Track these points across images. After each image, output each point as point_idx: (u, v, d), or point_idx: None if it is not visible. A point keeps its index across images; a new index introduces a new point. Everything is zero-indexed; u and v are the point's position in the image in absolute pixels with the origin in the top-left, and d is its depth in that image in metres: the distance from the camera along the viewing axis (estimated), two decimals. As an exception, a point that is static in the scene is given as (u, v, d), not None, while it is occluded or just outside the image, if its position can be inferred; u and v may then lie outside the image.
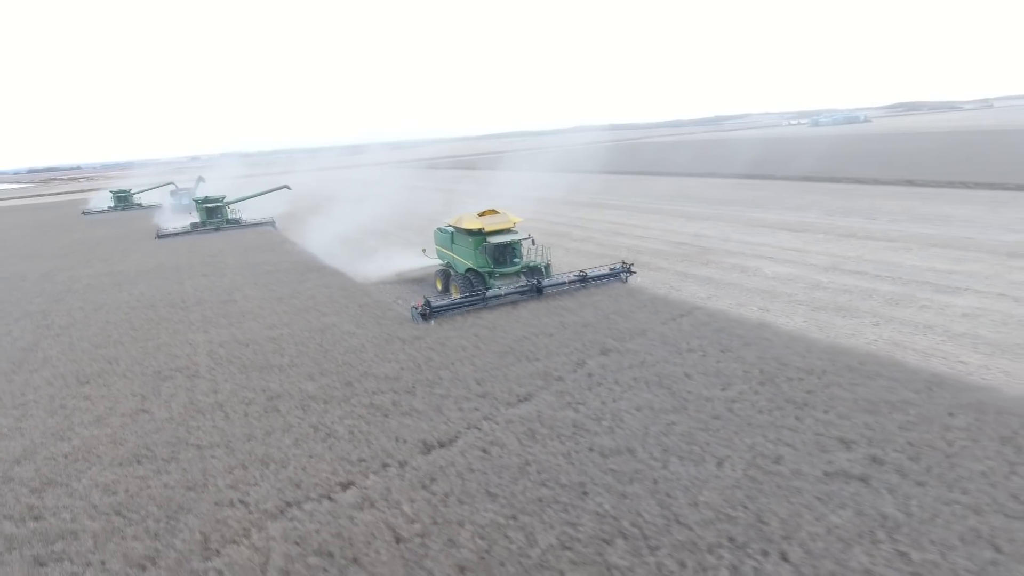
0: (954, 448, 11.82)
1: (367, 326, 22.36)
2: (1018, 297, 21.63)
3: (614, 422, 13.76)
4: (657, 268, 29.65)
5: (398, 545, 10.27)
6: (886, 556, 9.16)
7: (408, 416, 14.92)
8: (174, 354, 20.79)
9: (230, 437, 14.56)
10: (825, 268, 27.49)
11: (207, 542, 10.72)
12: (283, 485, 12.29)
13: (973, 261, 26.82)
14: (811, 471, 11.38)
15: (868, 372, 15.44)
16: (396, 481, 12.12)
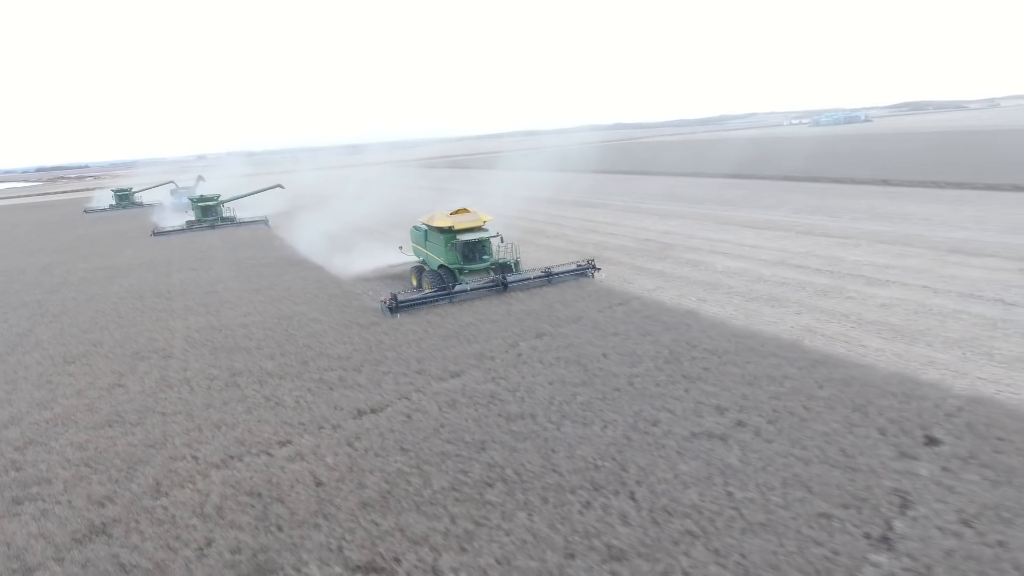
0: (810, 414, 13.62)
1: (332, 314, 24.38)
2: (938, 289, 23.30)
3: (526, 393, 15.67)
4: (617, 263, 31.46)
5: (317, 488, 12.22)
6: (714, 495, 10.98)
7: (350, 389, 16.90)
8: (153, 338, 22.93)
9: (192, 406, 16.60)
10: (773, 263, 29.21)
11: (159, 486, 12.73)
12: (230, 443, 14.29)
13: (913, 256, 28.45)
14: (680, 432, 13.22)
15: (765, 352, 17.24)
16: (326, 440, 14.10)
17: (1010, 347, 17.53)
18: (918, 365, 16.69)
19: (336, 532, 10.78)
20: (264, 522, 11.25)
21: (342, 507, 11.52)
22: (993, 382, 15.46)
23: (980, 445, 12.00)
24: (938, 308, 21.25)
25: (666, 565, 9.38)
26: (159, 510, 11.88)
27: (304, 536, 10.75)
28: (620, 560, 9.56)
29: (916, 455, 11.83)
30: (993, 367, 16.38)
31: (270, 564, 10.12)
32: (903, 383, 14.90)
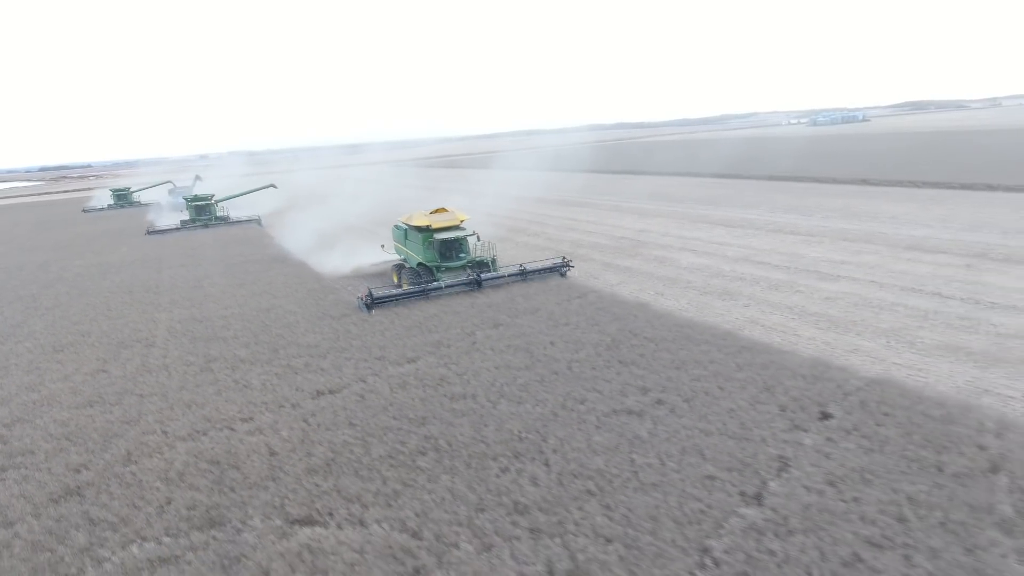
0: (723, 393, 14.99)
1: (307, 307, 25.87)
2: (884, 284, 24.59)
3: (472, 376, 17.09)
4: (588, 259, 32.83)
5: (270, 456, 13.68)
6: (618, 461, 12.38)
7: (313, 373, 18.37)
8: (138, 329, 24.48)
9: (167, 389, 18.10)
10: (735, 259, 30.53)
11: (129, 456, 14.21)
12: (197, 420, 15.77)
13: (870, 253, 29.72)
14: (603, 409, 14.62)
15: (699, 340, 18.61)
16: (284, 417, 15.56)
17: (932, 336, 18.85)
18: (841, 352, 18.03)
19: (281, 492, 12.23)
20: (220, 485, 12.71)
21: (290, 472, 12.97)
22: (906, 367, 16.80)
23: (865, 419, 13.35)
24: (878, 301, 22.56)
25: (561, 517, 10.77)
26: (128, 475, 13.37)
27: (253, 495, 12.20)
28: (523, 513, 10.97)
29: (807, 428, 13.20)
30: (911, 354, 17.71)
31: (220, 518, 11.57)
32: (815, 367, 16.26)
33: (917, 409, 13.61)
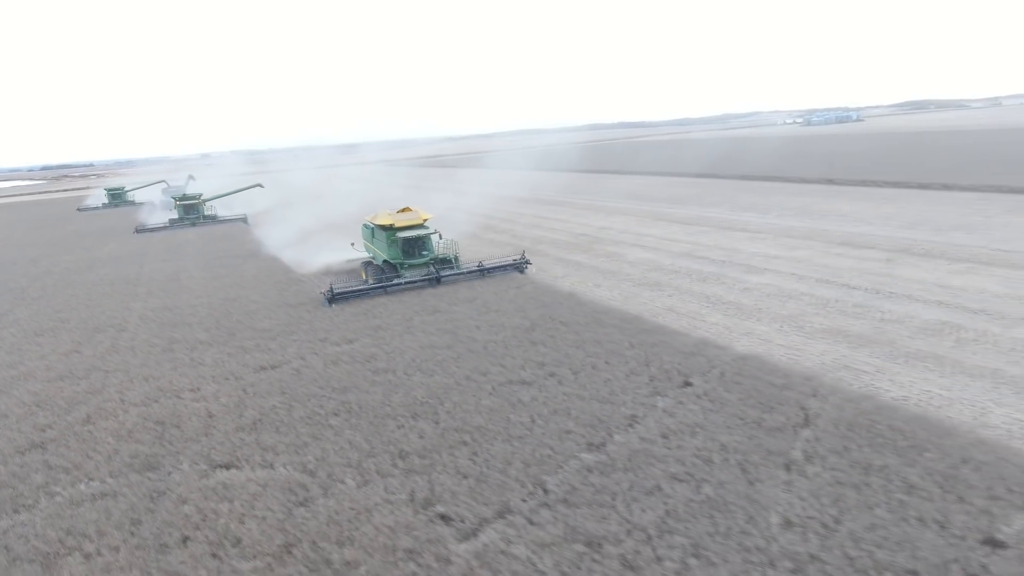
0: (607, 367, 17.26)
1: (270, 297, 28.27)
2: (803, 276, 26.77)
3: (398, 355, 19.43)
4: (543, 254, 35.10)
5: (207, 418, 16.05)
6: (496, 420, 14.68)
7: (261, 352, 20.76)
8: (113, 316, 26.95)
9: (130, 366, 20.52)
10: (679, 254, 32.75)
11: (89, 418, 16.62)
12: (151, 391, 18.18)
13: (805, 248, 31.89)
14: (500, 379, 16.92)
15: (607, 324, 20.88)
16: (226, 387, 17.94)
17: (822, 321, 21.05)
18: (735, 334, 20.25)
19: (210, 444, 14.59)
20: (161, 439, 15.09)
21: (221, 429, 15.33)
22: (785, 347, 19.03)
23: (717, 387, 15.60)
24: (790, 291, 24.75)
25: (433, 461, 13.08)
26: (85, 433, 15.77)
27: (186, 447, 14.57)
28: (403, 458, 13.29)
29: (666, 394, 15.46)
30: (796, 336, 19.92)
31: (156, 464, 13.94)
32: (698, 346, 18.51)
33: (764, 379, 15.86)
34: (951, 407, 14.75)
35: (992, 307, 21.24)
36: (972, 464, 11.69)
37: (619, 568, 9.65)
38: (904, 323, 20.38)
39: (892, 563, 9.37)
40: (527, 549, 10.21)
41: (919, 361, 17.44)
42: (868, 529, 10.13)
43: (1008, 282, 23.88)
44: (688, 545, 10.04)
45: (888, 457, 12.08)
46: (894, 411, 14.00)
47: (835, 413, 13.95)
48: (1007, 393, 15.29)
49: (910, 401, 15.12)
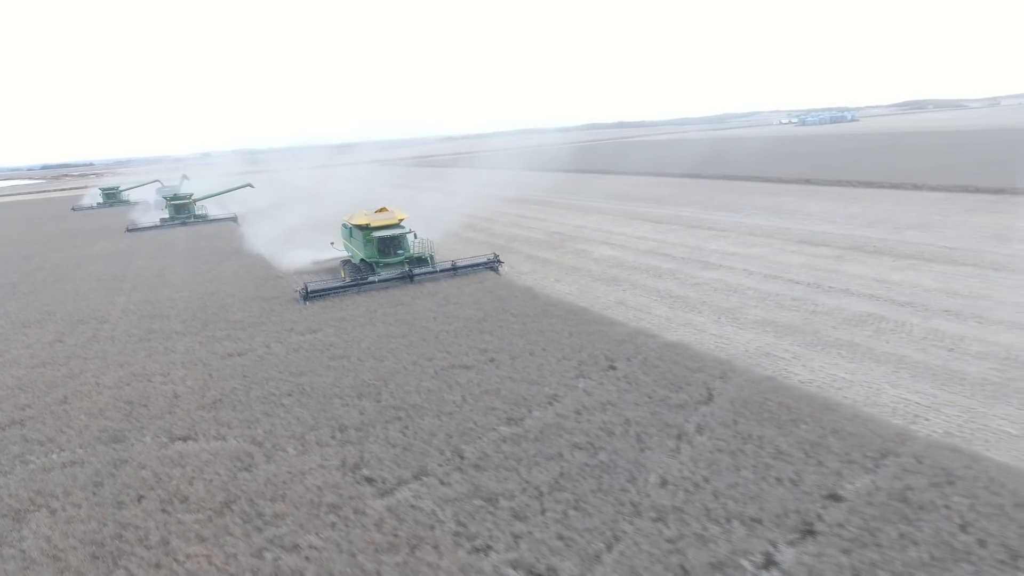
0: (544, 353, 18.84)
1: (247, 292, 29.90)
2: (753, 272, 28.30)
3: (355, 343, 21.04)
4: (515, 252, 36.69)
5: (173, 398, 17.67)
6: (431, 399, 16.26)
7: (231, 341, 22.38)
8: (96, 309, 28.62)
9: (108, 354, 22.16)
10: (643, 252, 34.30)
11: (65, 399, 18.25)
12: (125, 375, 19.80)
13: (763, 246, 33.41)
14: (443, 364, 18.51)
15: (554, 315, 22.46)
16: (193, 372, 19.56)
17: (758, 313, 22.59)
18: (673, 325, 21.82)
19: (173, 421, 16.21)
20: (129, 417, 16.71)
21: (184, 408, 16.95)
22: (716, 335, 20.61)
23: (637, 370, 17.15)
24: (737, 286, 26.28)
25: (368, 433, 14.68)
26: (61, 411, 17.40)
27: (151, 423, 16.18)
28: (342, 431, 14.88)
29: (590, 376, 17.01)
30: (730, 326, 21.48)
31: (122, 437, 15.55)
32: (631, 334, 20.06)
33: (682, 363, 17.40)
34: (849, 388, 16.31)
35: (919, 300, 22.75)
36: (840, 435, 13.22)
37: (508, 518, 11.21)
38: (832, 315, 21.91)
39: (741, 513, 10.90)
40: (433, 503, 11.78)
41: (835, 349, 18.98)
42: (730, 487, 11.67)
43: (942, 277, 25.38)
44: (572, 500, 11.60)
45: (767, 429, 13.62)
46: (789, 391, 15.54)
47: (735, 392, 15.49)
48: (905, 377, 16.82)
49: (814, 384, 16.68)
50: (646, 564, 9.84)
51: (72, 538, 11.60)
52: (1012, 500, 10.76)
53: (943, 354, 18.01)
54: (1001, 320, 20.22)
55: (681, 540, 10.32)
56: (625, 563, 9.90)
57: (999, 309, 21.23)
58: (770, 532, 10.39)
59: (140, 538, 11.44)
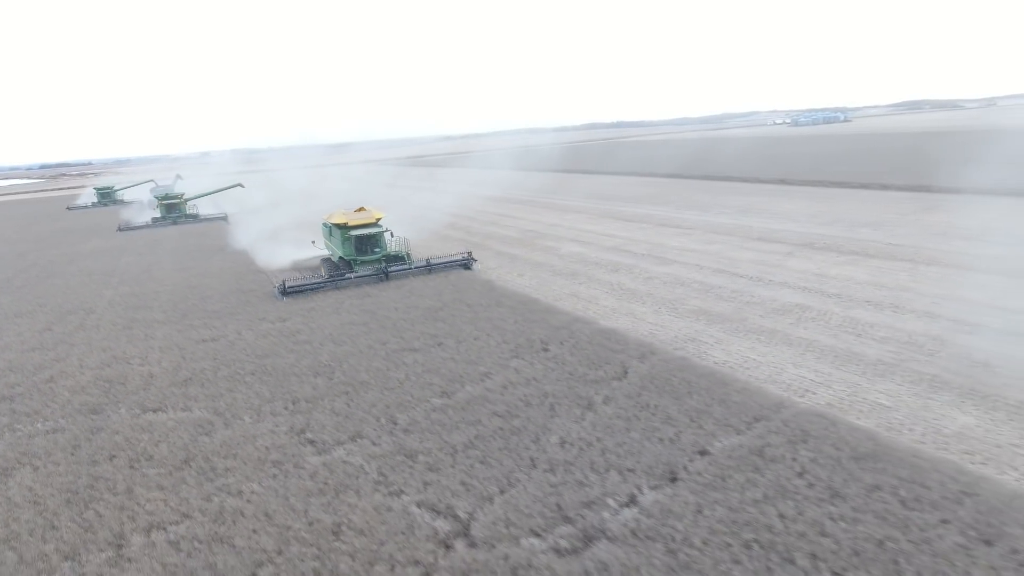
0: (488, 337, 20.82)
1: (227, 286, 31.95)
2: (704, 267, 30.24)
3: (320, 330, 23.07)
4: (488, 248, 38.67)
5: (149, 377, 19.70)
6: (378, 377, 18.24)
7: (206, 329, 24.42)
8: (84, 300, 30.71)
9: (93, 339, 24.21)
10: (607, 248, 36.27)
11: (52, 379, 20.30)
12: (107, 359, 21.84)
13: (721, 243, 35.35)
14: (395, 348, 20.51)
15: (505, 305, 24.46)
16: (169, 356, 21.59)
17: (696, 304, 24.53)
18: (616, 314, 23.77)
19: (146, 394, 18.24)
20: (107, 393, 18.73)
21: (158, 385, 18.98)
22: (651, 323, 22.55)
23: (566, 352, 19.12)
24: (685, 279, 28.23)
25: (317, 405, 16.69)
26: (46, 389, 19.44)
27: (126, 398, 18.20)
28: (295, 403, 16.90)
29: (523, 357, 18.99)
30: (667, 316, 23.42)
31: (100, 409, 17.57)
32: (570, 322, 22.06)
33: (608, 346, 19.38)
34: (756, 368, 18.24)
35: (847, 292, 24.67)
36: (726, 404, 15.18)
37: (423, 469, 13.20)
38: (764, 305, 23.85)
39: (620, 464, 12.86)
40: (362, 459, 13.77)
41: (755, 335, 20.92)
42: (617, 445, 13.63)
43: (877, 272, 27.31)
44: (480, 455, 13.58)
45: (664, 399, 15.59)
46: (695, 369, 17.50)
47: (648, 370, 17.45)
48: (809, 358, 18.76)
49: (727, 364, 18.61)
50: (528, 503, 11.81)
51: (51, 488, 13.62)
52: (851, 454, 12.73)
53: (850, 339, 19.96)
54: (914, 310, 22.17)
55: (563, 486, 12.29)
56: (511, 503, 11.88)
57: (916, 300, 23.18)
58: (639, 479, 12.36)
59: (109, 487, 13.46)
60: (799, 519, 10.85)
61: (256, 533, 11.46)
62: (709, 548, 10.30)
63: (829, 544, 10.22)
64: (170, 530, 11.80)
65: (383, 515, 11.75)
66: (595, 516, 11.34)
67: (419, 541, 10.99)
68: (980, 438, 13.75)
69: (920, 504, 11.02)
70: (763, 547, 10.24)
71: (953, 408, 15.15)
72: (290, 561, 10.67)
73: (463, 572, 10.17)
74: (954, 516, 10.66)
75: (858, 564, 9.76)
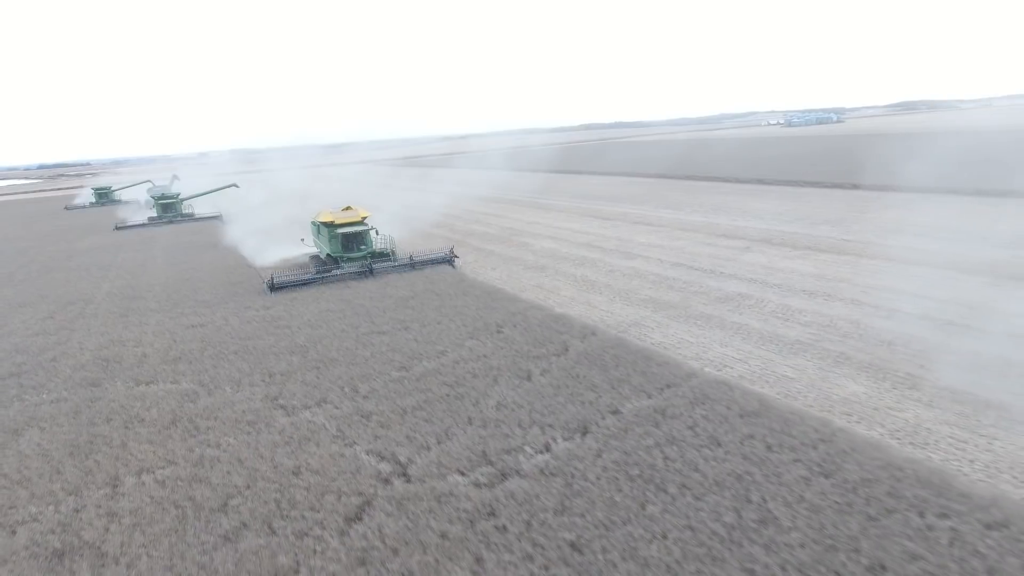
0: (451, 323, 23.17)
1: (217, 278, 34.36)
2: (664, 261, 32.57)
3: (299, 316, 25.49)
4: (466, 244, 41.01)
5: (142, 357, 22.09)
6: (347, 355, 20.56)
7: (195, 315, 26.81)
8: (83, 292, 33.16)
9: (92, 326, 26.61)
10: (579, 244, 38.61)
11: (55, 359, 22.72)
12: (105, 341, 24.24)
13: (685, 239, 37.68)
14: (365, 331, 22.88)
15: (472, 294, 26.83)
16: (161, 339, 23.98)
17: (648, 294, 26.86)
18: (572, 303, 26.10)
19: (139, 370, 20.61)
20: (105, 369, 21.11)
21: (150, 363, 21.36)
22: (603, 310, 24.87)
23: (516, 333, 21.46)
24: (643, 272, 30.56)
25: (291, 378, 19.06)
26: (50, 367, 21.84)
27: (122, 373, 20.58)
28: (271, 376, 19.26)
29: (477, 337, 21.34)
30: (620, 304, 25.74)
31: (98, 383, 19.95)
32: (525, 308, 24.46)
33: (554, 328, 21.73)
34: (686, 348, 20.55)
35: (788, 283, 26.99)
36: (645, 375, 17.51)
37: (375, 426, 15.55)
38: (709, 295, 26.17)
39: (542, 421, 15.20)
40: (324, 419, 16.13)
41: (694, 320, 23.24)
42: (544, 407, 15.97)
43: (821, 265, 29.63)
44: (425, 416, 15.93)
45: (593, 371, 17.92)
46: (628, 347, 19.83)
47: (586, 348, 19.79)
48: (736, 339, 21.07)
49: (661, 345, 20.92)
50: (459, 451, 14.15)
51: (56, 443, 15.98)
52: (738, 412, 15.05)
53: (778, 323, 22.27)
54: (844, 298, 24.48)
55: (491, 438, 14.62)
56: (445, 450, 14.22)
57: (849, 289, 25.49)
58: (556, 433, 14.69)
59: (106, 442, 15.82)
60: (679, 460, 13.17)
61: (229, 474, 13.80)
62: (599, 481, 12.62)
63: (698, 477, 12.53)
64: (157, 473, 14.16)
65: (337, 460, 14.10)
66: (512, 460, 13.67)
67: (364, 479, 13.32)
68: (862, 403, 16.07)
69: (781, 448, 13.34)
70: (644, 480, 12.56)
71: (847, 379, 17.47)
72: (256, 494, 13.01)
73: (397, 500, 12.50)
74: (806, 457, 12.98)
75: (717, 491, 12.07)
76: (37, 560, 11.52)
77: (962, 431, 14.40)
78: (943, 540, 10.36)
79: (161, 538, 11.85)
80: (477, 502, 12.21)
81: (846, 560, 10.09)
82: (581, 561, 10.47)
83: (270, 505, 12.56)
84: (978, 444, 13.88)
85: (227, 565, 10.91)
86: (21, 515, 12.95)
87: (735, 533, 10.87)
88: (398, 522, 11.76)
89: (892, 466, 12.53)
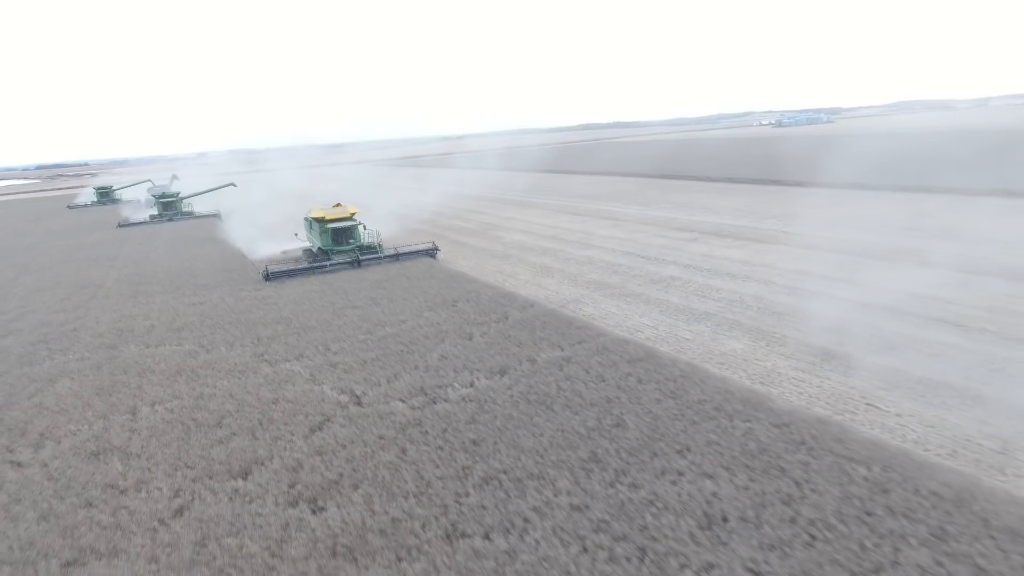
0: (415, 299, 27.37)
1: (215, 267, 38.72)
2: (617, 250, 36.77)
3: (285, 295, 29.80)
4: (443, 237, 45.20)
5: (149, 327, 26.45)
6: (325, 324, 24.79)
7: (195, 296, 31.13)
8: (94, 279, 37.56)
9: (105, 305, 30.95)
10: (546, 236, 42.85)
11: (75, 330, 27.02)
12: (117, 316, 28.56)
13: (643, 232, 41.87)
14: (340, 306, 27.20)
15: (439, 278, 31.08)
16: (164, 314, 28.30)
17: (594, 277, 31.04)
18: (524, 284, 30.30)
19: (148, 337, 24.92)
20: (119, 336, 25.44)
21: (157, 332, 25.66)
22: (551, 291, 29.08)
23: (468, 306, 25.65)
24: (596, 260, 34.76)
25: (280, 342, 23.27)
26: (72, 335, 26.20)
27: (134, 339, 24.88)
28: (261, 340, 23.47)
29: (434, 310, 25.58)
30: (567, 285, 29.93)
31: (114, 346, 24.28)
32: (482, 287, 28.79)
33: (500, 301, 25.98)
34: (610, 318, 24.72)
35: (718, 267, 31.14)
36: (563, 334, 21.72)
37: (340, 373, 19.81)
38: (645, 277, 30.35)
39: (472, 366, 19.44)
40: (300, 368, 20.41)
41: (625, 297, 27.42)
42: (474, 357, 20.21)
43: (755, 253, 33.77)
44: (381, 364, 20.22)
45: (523, 333, 22.15)
46: (558, 316, 24.05)
47: (523, 317, 24.02)
48: (654, 311, 25.24)
49: (590, 316, 25.09)
50: (402, 387, 18.40)
51: (84, 387, 20.28)
52: (627, 359, 19.26)
53: (695, 299, 26.45)
54: (759, 279, 28.63)
55: (429, 378, 18.87)
56: (392, 387, 18.48)
57: (766, 272, 29.65)
58: (480, 375, 18.92)
59: (125, 385, 20.13)
60: (569, 390, 17.40)
61: (223, 404, 18.09)
62: (504, 403, 16.85)
63: (579, 400, 16.75)
64: (167, 404, 18.44)
65: (307, 394, 18.36)
66: (442, 392, 17.92)
67: (327, 405, 17.58)
68: (737, 355, 20.22)
69: (648, 381, 17.54)
70: (537, 402, 16.78)
71: (732, 340, 21.63)
72: (243, 415, 17.28)
73: (350, 417, 16.74)
74: (664, 387, 17.19)
75: (589, 408, 16.28)
76: (79, 457, 15.80)
77: (804, 374, 18.54)
78: (737, 433, 14.56)
79: (171, 443, 16.11)
80: (409, 417, 16.45)
81: (664, 446, 14.27)
82: (476, 450, 14.69)
83: (253, 422, 16.84)
84: (811, 383, 18.02)
85: (220, 456, 15.17)
86: (63, 431, 17.25)
87: (593, 433, 15.08)
88: (349, 430, 16.01)
89: (728, 392, 16.74)
